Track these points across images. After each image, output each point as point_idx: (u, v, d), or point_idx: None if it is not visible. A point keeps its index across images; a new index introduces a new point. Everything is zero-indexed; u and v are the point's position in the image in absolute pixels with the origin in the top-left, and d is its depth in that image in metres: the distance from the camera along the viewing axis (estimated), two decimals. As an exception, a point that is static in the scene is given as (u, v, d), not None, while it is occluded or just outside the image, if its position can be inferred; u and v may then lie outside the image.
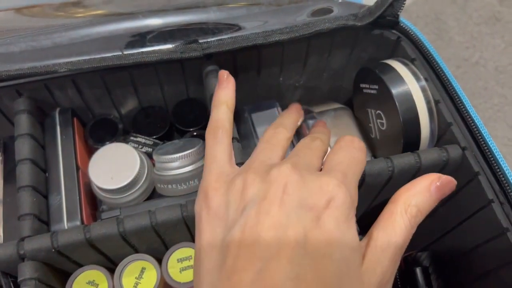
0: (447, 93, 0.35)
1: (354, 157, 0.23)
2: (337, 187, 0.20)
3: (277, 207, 0.19)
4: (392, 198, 0.22)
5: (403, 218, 0.22)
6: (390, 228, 0.21)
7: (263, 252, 0.18)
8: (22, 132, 0.33)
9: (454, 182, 0.23)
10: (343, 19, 0.37)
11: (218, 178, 0.23)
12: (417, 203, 0.22)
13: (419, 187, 0.22)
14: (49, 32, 0.35)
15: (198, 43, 0.35)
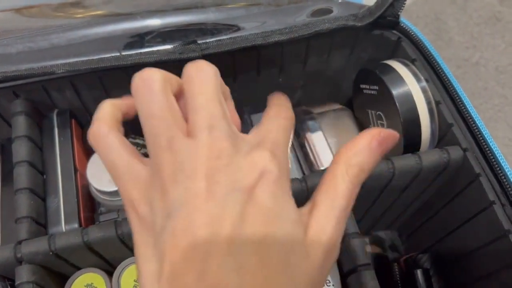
0: (448, 93, 0.35)
1: (282, 125, 0.22)
2: (268, 159, 0.19)
3: (208, 200, 0.18)
4: (333, 159, 0.21)
5: (344, 179, 0.20)
6: (332, 191, 0.20)
7: (201, 252, 0.17)
8: (19, 134, 0.33)
9: (396, 135, 0.22)
10: (343, 20, 0.36)
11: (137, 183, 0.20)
12: (358, 161, 0.21)
13: (359, 145, 0.21)
14: (46, 33, 0.35)
15: (197, 43, 0.35)
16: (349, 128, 0.43)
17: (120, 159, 0.20)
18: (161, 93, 0.20)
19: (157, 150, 0.19)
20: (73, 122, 0.38)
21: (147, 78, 0.20)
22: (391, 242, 0.48)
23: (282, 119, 0.23)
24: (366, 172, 0.21)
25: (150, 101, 0.20)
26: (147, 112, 0.20)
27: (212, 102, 0.20)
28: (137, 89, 0.20)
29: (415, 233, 0.45)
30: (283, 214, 0.19)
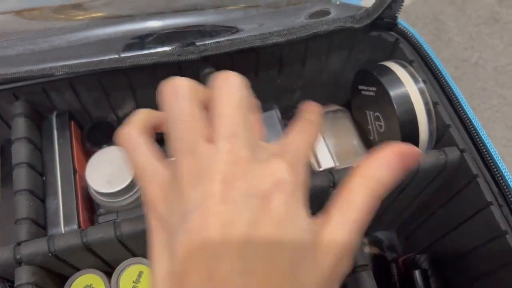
0: (445, 95, 0.35)
1: (307, 140, 0.23)
2: (285, 169, 0.20)
3: (223, 204, 0.18)
4: (352, 173, 0.21)
5: (361, 192, 0.20)
6: (346, 203, 0.20)
7: (212, 253, 0.17)
8: (19, 136, 0.33)
9: (419, 152, 0.21)
10: (341, 21, 0.36)
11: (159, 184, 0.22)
12: (376, 175, 0.20)
13: (380, 159, 0.21)
14: (46, 35, 0.35)
15: (195, 45, 0.35)
16: (348, 129, 0.43)
17: (146, 160, 0.22)
18: (188, 99, 0.21)
19: (179, 154, 0.20)
20: (72, 123, 0.38)
21: (176, 85, 0.21)
22: (389, 243, 0.48)
23: (308, 134, 0.23)
24: (384, 187, 0.21)
25: (177, 107, 0.21)
26: (173, 117, 0.21)
27: (236, 111, 0.21)
28: (166, 95, 0.21)
29: (413, 233, 0.45)
30: (295, 223, 0.19)
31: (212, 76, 0.23)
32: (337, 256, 0.19)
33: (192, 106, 0.21)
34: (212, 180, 0.19)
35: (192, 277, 0.17)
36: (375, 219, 0.43)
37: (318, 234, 0.20)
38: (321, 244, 0.19)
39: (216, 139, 0.20)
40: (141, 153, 0.22)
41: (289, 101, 0.47)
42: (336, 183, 0.31)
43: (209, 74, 0.35)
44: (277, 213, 0.19)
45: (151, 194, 0.21)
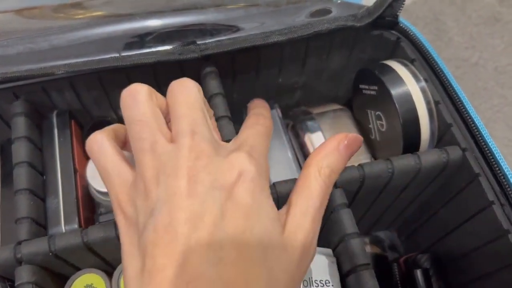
0: (447, 94, 0.35)
1: (259, 132, 0.24)
2: (246, 160, 0.20)
3: (189, 198, 0.19)
4: (305, 164, 0.23)
5: (318, 180, 0.22)
6: (306, 192, 0.22)
7: (182, 246, 0.18)
8: (19, 135, 0.33)
9: (360, 138, 0.24)
10: (342, 20, 0.36)
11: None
12: (329, 163, 0.23)
13: (328, 149, 0.23)
14: (46, 34, 0.35)
15: (196, 44, 0.35)
16: (349, 128, 0.43)
17: (111, 163, 0.22)
18: (145, 101, 0.22)
19: (139, 153, 0.21)
20: (72, 123, 0.38)
21: (133, 89, 0.22)
22: (390, 242, 0.48)
23: (260, 125, 0.24)
24: (336, 173, 0.23)
25: (134, 108, 0.22)
26: (131, 119, 0.22)
27: (193, 110, 0.22)
28: (123, 100, 0.22)
29: (415, 233, 0.45)
30: (262, 211, 0.20)
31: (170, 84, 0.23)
32: (303, 243, 0.20)
33: (149, 107, 0.22)
34: (176, 175, 0.19)
35: (165, 272, 0.17)
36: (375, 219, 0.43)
37: (285, 223, 0.21)
38: (288, 233, 0.20)
39: (176, 137, 0.21)
40: (106, 156, 0.22)
41: (289, 100, 0.47)
42: (337, 182, 0.31)
43: (211, 73, 0.35)
44: (244, 203, 0.19)
45: (117, 196, 0.21)
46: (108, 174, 0.22)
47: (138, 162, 0.21)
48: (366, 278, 0.27)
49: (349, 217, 0.30)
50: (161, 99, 0.23)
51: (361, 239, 0.29)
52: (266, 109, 0.28)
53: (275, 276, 0.19)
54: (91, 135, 0.23)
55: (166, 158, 0.20)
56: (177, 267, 0.17)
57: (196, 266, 0.17)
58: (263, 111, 0.28)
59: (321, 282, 0.29)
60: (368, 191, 0.33)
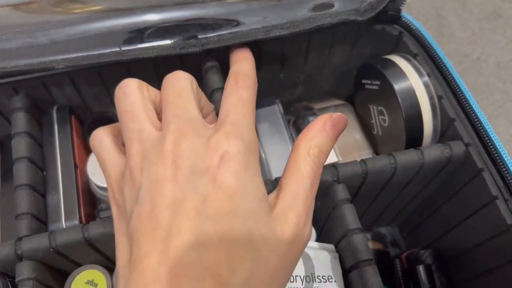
0: (450, 88, 0.34)
1: (240, 98, 0.23)
2: (225, 141, 0.20)
3: (170, 184, 0.19)
4: (293, 147, 0.23)
5: (307, 160, 0.22)
6: (296, 173, 0.22)
7: (163, 232, 0.18)
8: (19, 130, 0.33)
9: (345, 117, 0.24)
10: (345, 14, 0.36)
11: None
12: (317, 143, 0.22)
13: (315, 129, 0.23)
14: (46, 28, 0.34)
15: (197, 38, 0.34)
16: (351, 123, 0.42)
17: (108, 155, 0.23)
18: (134, 92, 0.22)
19: (128, 142, 0.21)
20: (73, 118, 0.37)
21: (124, 84, 0.23)
22: (392, 238, 0.48)
23: (240, 89, 0.24)
24: (325, 153, 0.23)
25: (123, 100, 0.22)
26: (120, 109, 0.22)
27: (178, 97, 0.22)
28: (116, 94, 0.23)
29: (417, 228, 0.45)
30: (247, 191, 0.19)
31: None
32: (295, 223, 0.20)
33: (137, 99, 0.22)
34: (157, 162, 0.19)
35: (148, 259, 0.17)
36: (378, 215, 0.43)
37: (274, 206, 0.20)
38: (278, 214, 0.20)
39: (163, 125, 0.21)
40: (104, 148, 0.23)
41: (291, 96, 0.46)
42: (340, 177, 0.31)
43: (212, 68, 0.35)
44: (227, 184, 0.19)
45: (111, 184, 0.22)
46: (105, 166, 0.22)
47: (126, 151, 0.21)
48: (369, 274, 0.27)
49: (351, 213, 0.30)
50: (153, 92, 0.24)
51: (364, 234, 0.29)
52: (247, 61, 0.27)
53: (262, 257, 0.19)
54: (94, 131, 0.24)
55: (150, 145, 0.20)
56: (159, 253, 0.17)
57: (178, 252, 0.17)
58: (243, 65, 0.26)
59: (323, 277, 0.29)
60: (370, 187, 0.33)
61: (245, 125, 0.21)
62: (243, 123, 0.21)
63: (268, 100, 0.42)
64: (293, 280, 0.28)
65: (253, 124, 0.22)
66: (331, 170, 0.31)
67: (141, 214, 0.18)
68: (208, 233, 0.18)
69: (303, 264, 0.29)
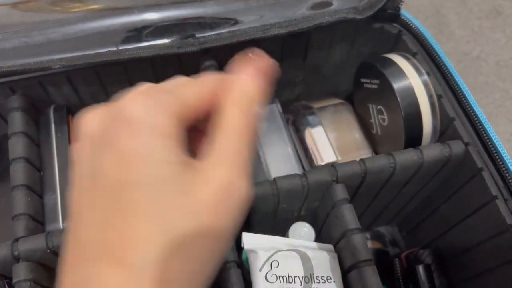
0: (449, 87, 0.34)
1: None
2: (134, 106, 0.18)
3: (76, 150, 0.18)
4: (223, 102, 0.20)
5: (234, 111, 0.19)
6: (225, 127, 0.19)
7: (73, 189, 0.18)
8: (16, 130, 0.33)
9: (269, 59, 0.21)
10: (343, 12, 0.36)
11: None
12: (240, 89, 0.20)
13: (234, 76, 0.21)
14: (43, 27, 0.34)
15: (195, 37, 0.34)
16: (350, 123, 0.42)
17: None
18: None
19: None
20: (70, 117, 0.37)
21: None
22: (391, 238, 0.48)
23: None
24: (252, 98, 0.20)
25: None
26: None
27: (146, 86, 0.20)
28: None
29: (416, 228, 0.45)
30: (152, 159, 0.17)
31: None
32: (223, 184, 0.17)
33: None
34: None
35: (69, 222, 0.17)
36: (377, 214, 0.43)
37: (197, 169, 0.18)
38: (198, 171, 0.18)
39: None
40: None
41: (290, 95, 0.46)
42: (339, 177, 0.30)
43: (210, 67, 0.35)
44: (125, 152, 0.17)
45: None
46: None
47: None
48: (368, 274, 0.27)
49: (350, 213, 0.29)
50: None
51: (363, 234, 0.29)
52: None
53: (169, 222, 0.16)
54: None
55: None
56: (70, 217, 0.17)
57: (74, 178, 0.18)
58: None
59: (322, 278, 0.29)
60: (369, 186, 0.33)
61: (167, 91, 0.20)
62: (170, 90, 0.20)
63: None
64: (292, 281, 0.28)
65: (178, 95, 0.20)
66: (330, 169, 0.30)
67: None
68: (103, 161, 0.17)
69: (301, 265, 0.28)
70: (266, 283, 0.27)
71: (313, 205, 0.33)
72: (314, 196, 0.31)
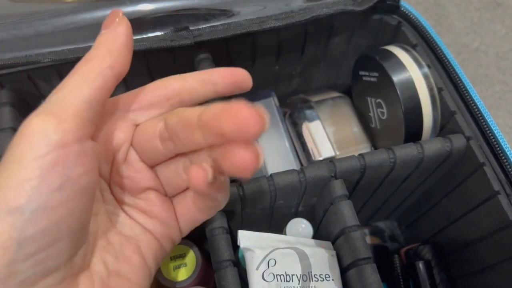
0: (450, 80, 0.33)
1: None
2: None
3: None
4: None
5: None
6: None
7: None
8: (4, 126, 0.32)
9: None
10: (341, 4, 0.35)
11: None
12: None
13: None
14: (32, 19, 0.33)
15: (189, 30, 0.33)
16: (348, 116, 0.41)
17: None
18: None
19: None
20: (61, 113, 0.36)
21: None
22: (390, 233, 0.48)
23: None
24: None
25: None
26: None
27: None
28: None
29: (416, 223, 0.44)
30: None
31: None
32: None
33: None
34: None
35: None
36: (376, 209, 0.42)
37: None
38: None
39: None
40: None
41: (287, 88, 0.45)
42: (337, 173, 0.30)
43: (204, 60, 0.34)
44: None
45: None
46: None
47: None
48: (367, 273, 0.27)
49: (349, 209, 0.29)
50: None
51: (362, 231, 0.28)
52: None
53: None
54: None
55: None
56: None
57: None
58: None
59: (320, 276, 0.28)
60: (368, 182, 0.32)
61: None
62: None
63: (263, 92, 0.41)
64: (290, 279, 0.27)
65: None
66: (328, 165, 0.30)
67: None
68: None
69: (299, 263, 0.28)
70: (263, 282, 0.26)
71: (311, 201, 0.32)
72: (312, 192, 0.31)
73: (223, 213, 0.29)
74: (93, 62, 0.20)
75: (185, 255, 0.30)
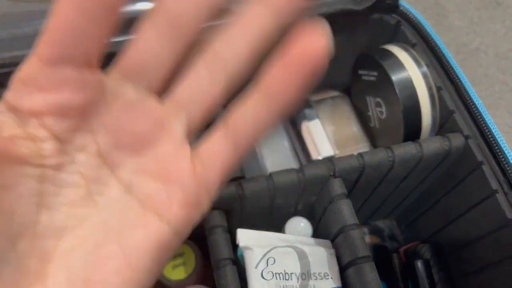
0: (449, 79, 0.33)
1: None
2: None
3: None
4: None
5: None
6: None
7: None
8: None
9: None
10: (341, 3, 0.35)
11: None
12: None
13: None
14: (32, 18, 0.33)
15: (189, 29, 0.33)
16: (347, 116, 0.41)
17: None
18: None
19: None
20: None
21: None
22: (389, 232, 0.48)
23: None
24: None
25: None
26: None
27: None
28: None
29: (415, 222, 0.44)
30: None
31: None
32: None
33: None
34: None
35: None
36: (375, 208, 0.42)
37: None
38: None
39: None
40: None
41: (286, 88, 0.45)
42: (336, 172, 0.30)
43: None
44: None
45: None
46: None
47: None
48: (366, 271, 0.27)
49: (348, 208, 0.29)
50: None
51: (361, 230, 0.29)
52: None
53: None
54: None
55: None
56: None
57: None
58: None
59: (319, 274, 0.28)
60: (367, 181, 0.32)
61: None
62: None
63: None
64: (289, 277, 0.27)
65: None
66: (327, 164, 0.30)
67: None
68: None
69: (298, 261, 0.28)
70: (262, 281, 0.26)
71: (310, 200, 0.32)
72: (311, 191, 0.31)
73: (222, 212, 0.29)
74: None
75: (184, 254, 0.30)
